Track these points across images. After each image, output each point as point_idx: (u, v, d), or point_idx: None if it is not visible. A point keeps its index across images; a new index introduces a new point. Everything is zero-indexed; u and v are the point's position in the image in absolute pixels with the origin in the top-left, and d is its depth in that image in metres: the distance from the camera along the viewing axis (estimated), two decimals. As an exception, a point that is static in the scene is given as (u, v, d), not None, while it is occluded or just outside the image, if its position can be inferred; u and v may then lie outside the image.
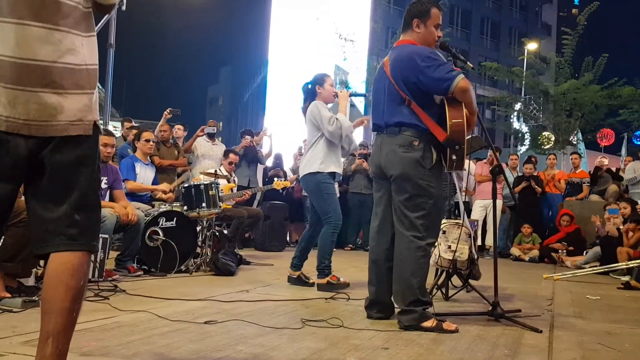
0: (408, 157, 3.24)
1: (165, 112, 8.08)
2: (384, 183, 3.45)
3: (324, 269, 4.69)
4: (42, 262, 4.11)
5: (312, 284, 4.77)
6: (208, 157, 8.27)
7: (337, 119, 4.61)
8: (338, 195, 9.52)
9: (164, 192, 6.13)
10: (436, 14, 3.41)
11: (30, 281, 3.71)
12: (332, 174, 4.71)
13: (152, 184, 6.19)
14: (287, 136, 14.72)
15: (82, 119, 1.73)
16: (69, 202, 1.72)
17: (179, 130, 9.16)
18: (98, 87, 1.84)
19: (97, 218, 1.84)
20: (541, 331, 3.27)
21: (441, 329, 3.15)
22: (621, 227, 7.21)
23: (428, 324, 3.17)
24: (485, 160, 9.67)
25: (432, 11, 3.40)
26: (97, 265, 4.35)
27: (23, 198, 1.83)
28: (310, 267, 4.98)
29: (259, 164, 9.34)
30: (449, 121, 3.18)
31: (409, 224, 3.25)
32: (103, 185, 5.08)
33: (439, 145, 3.26)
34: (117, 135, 7.69)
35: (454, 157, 3.22)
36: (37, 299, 3.37)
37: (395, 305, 3.42)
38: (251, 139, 9.02)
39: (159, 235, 5.26)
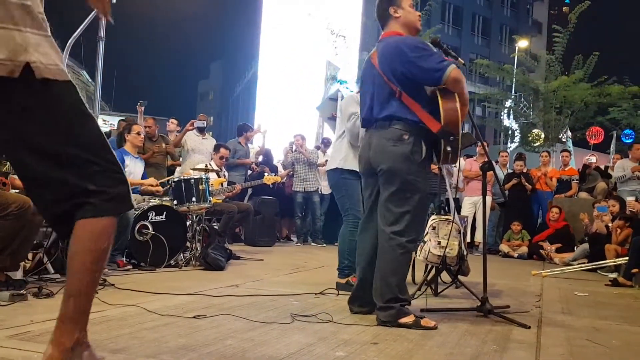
0: (397, 151, 3.18)
1: (138, 106, 8.08)
2: (372, 180, 3.39)
3: (343, 268, 4.51)
4: (30, 256, 4.09)
5: None
6: (198, 151, 8.24)
7: (358, 116, 4.19)
8: (330, 191, 9.63)
9: (152, 186, 6.10)
10: None
11: (18, 274, 3.68)
12: (354, 171, 4.33)
13: (142, 177, 6.16)
14: (278, 131, 14.71)
15: (12, 58, 1.59)
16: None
17: (171, 124, 9.12)
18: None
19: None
20: (529, 327, 3.29)
21: (419, 325, 3.11)
22: (610, 224, 7.27)
23: (406, 320, 3.13)
24: (475, 157, 9.70)
25: None
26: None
27: (12, 191, 1.80)
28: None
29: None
30: (442, 111, 3.11)
31: (392, 218, 3.19)
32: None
33: (429, 138, 3.21)
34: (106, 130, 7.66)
35: (448, 149, 3.15)
36: (25, 292, 3.35)
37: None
38: (257, 167, 9.14)
39: (148, 229, 5.25)
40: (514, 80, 19.73)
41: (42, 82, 1.64)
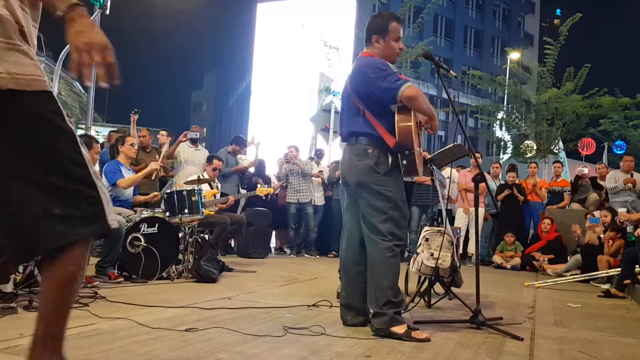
0: (362, 165, 3.34)
1: (131, 115, 8.09)
2: (349, 190, 3.54)
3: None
4: (20, 269, 4.06)
5: None
6: (191, 162, 8.23)
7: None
8: (323, 202, 9.65)
9: (155, 170, 6.13)
10: (395, 27, 3.47)
11: (8, 287, 3.64)
12: None
13: (133, 189, 6.13)
14: (271, 142, 14.70)
15: None
16: None
17: (162, 137, 9.09)
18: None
19: None
20: (522, 339, 3.29)
21: (410, 336, 3.13)
22: (602, 235, 7.29)
23: (398, 329, 3.16)
24: (469, 169, 9.73)
25: (391, 25, 3.46)
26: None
27: None
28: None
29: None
30: (396, 127, 3.27)
31: (374, 229, 3.32)
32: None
33: (395, 152, 3.33)
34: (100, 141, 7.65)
35: (404, 162, 3.31)
36: (15, 305, 3.32)
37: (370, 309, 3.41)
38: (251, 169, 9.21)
39: (140, 241, 5.21)
40: (506, 91, 19.85)
41: (9, 93, 1.52)
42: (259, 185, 7.62)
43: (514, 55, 24.50)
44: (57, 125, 1.62)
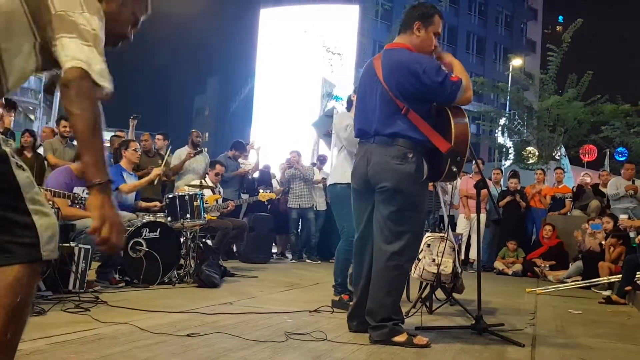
0: (403, 170, 3.12)
1: (130, 120, 8.11)
2: (368, 196, 3.31)
3: (336, 286, 4.49)
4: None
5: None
6: (192, 168, 8.22)
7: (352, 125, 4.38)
8: (325, 208, 9.64)
9: (157, 175, 6.14)
10: (438, 21, 3.32)
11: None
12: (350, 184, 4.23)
13: (135, 194, 6.14)
14: (274, 148, 14.73)
15: None
16: None
17: (158, 141, 9.08)
18: None
19: None
20: (524, 345, 3.28)
21: (412, 343, 3.09)
22: (603, 242, 7.28)
23: (399, 338, 3.11)
24: (471, 175, 9.74)
25: (435, 18, 3.31)
26: (79, 276, 4.30)
27: None
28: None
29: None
30: (453, 131, 3.07)
31: (391, 237, 3.15)
32: (85, 195, 5.04)
33: (429, 157, 3.18)
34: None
35: (454, 169, 3.12)
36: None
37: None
38: (246, 171, 9.12)
39: (142, 246, 5.22)
40: (508, 98, 19.86)
41: None
42: (261, 191, 7.63)
43: (517, 62, 24.51)
44: None
